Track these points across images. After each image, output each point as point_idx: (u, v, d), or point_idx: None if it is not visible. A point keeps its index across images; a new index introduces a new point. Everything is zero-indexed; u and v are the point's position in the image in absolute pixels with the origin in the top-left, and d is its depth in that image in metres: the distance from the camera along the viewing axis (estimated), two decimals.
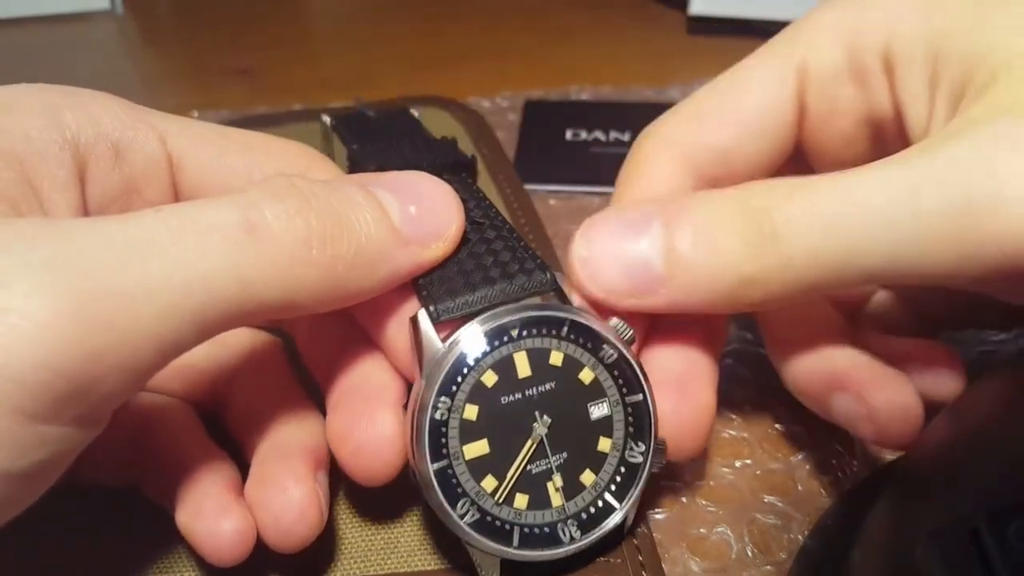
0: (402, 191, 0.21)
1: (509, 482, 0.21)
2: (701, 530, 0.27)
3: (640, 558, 0.24)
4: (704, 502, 0.27)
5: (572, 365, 0.22)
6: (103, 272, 0.16)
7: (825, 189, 0.20)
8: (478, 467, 0.21)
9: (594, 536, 0.22)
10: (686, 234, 0.21)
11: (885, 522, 0.22)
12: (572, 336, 0.22)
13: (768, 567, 0.25)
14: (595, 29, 0.64)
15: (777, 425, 0.30)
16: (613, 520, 0.22)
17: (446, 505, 0.21)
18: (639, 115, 0.28)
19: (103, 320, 0.16)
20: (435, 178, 0.22)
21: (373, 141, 0.27)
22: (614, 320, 0.23)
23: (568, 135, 0.48)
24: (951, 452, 0.21)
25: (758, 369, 0.32)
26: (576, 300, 0.23)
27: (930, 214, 0.18)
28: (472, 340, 0.21)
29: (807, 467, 0.29)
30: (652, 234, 0.22)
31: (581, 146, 0.47)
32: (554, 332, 0.22)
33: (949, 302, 0.28)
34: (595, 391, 0.22)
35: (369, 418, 0.21)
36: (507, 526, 0.21)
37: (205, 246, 0.17)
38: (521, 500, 0.21)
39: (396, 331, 0.23)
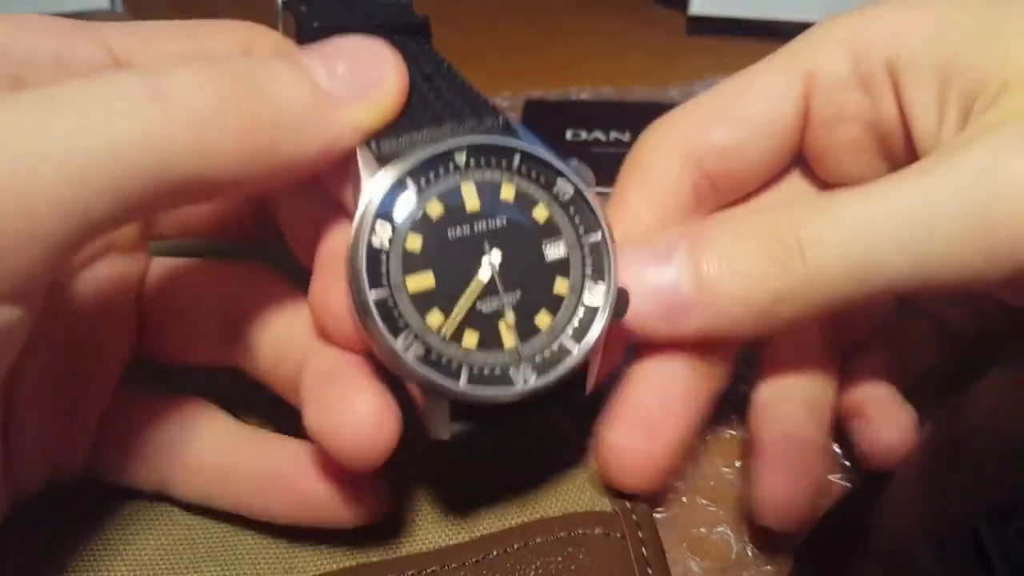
0: (326, 55, 0.20)
1: (456, 318, 0.20)
2: (701, 530, 0.27)
3: (640, 534, 0.24)
4: (704, 502, 0.27)
5: (525, 200, 0.21)
6: (6, 134, 0.16)
7: (847, 202, 0.20)
8: (423, 301, 0.20)
9: (550, 378, 0.21)
10: (712, 255, 0.22)
11: (885, 522, 0.22)
12: (524, 169, 0.21)
13: (768, 567, 0.25)
14: (595, 29, 0.64)
15: None
16: (571, 362, 0.21)
17: (387, 335, 0.19)
18: (639, 115, 0.28)
19: (4, 182, 0.15)
20: (363, 36, 0.21)
21: (322, 4, 0.24)
22: (574, 161, 0.22)
23: (568, 135, 0.48)
24: (951, 452, 0.21)
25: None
26: None
27: (951, 221, 0.19)
28: (414, 166, 0.20)
29: None
30: (678, 258, 0.22)
31: (581, 146, 0.47)
32: (504, 163, 0.21)
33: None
34: (550, 230, 0.21)
35: (344, 404, 0.20)
36: (454, 364, 0.20)
37: (110, 111, 0.16)
38: (470, 338, 0.20)
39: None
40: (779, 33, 0.28)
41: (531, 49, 0.61)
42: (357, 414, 0.19)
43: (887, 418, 0.25)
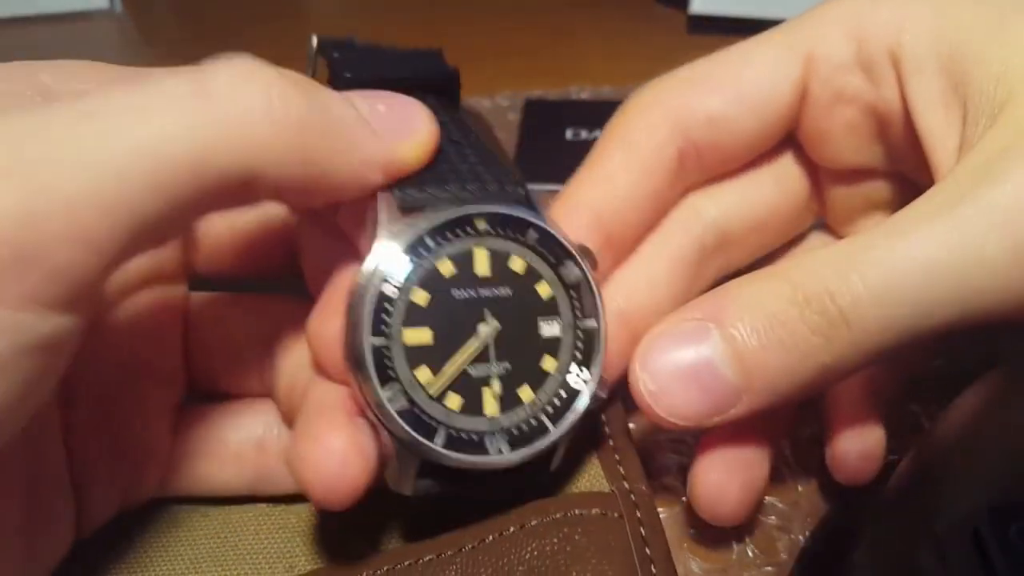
0: (366, 95, 0.21)
1: (445, 378, 0.20)
2: (702, 530, 0.27)
3: (638, 514, 0.24)
4: None
5: (532, 275, 0.21)
6: (41, 138, 0.16)
7: (879, 258, 0.19)
8: (416, 355, 0.20)
9: (523, 454, 0.21)
10: (750, 336, 0.20)
11: (886, 523, 0.22)
12: (537, 245, 0.21)
13: (769, 567, 0.25)
14: (595, 28, 0.64)
15: None
16: (545, 441, 0.21)
17: (376, 383, 0.19)
18: None
19: (40, 183, 0.15)
20: (401, 94, 0.21)
21: (355, 52, 0.25)
22: (579, 244, 0.22)
23: (568, 134, 0.48)
24: (952, 452, 0.21)
25: None
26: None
27: (995, 261, 0.18)
28: (434, 222, 0.20)
29: (808, 469, 0.29)
30: (712, 343, 0.21)
31: (581, 145, 0.47)
32: (519, 237, 0.21)
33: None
34: (549, 308, 0.22)
35: (316, 439, 0.20)
36: (434, 423, 0.20)
37: (152, 110, 0.16)
38: (454, 401, 0.20)
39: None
40: None
41: (531, 48, 0.61)
42: (324, 450, 0.19)
43: (855, 431, 0.25)
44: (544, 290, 0.22)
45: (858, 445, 0.25)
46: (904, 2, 0.23)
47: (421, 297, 0.20)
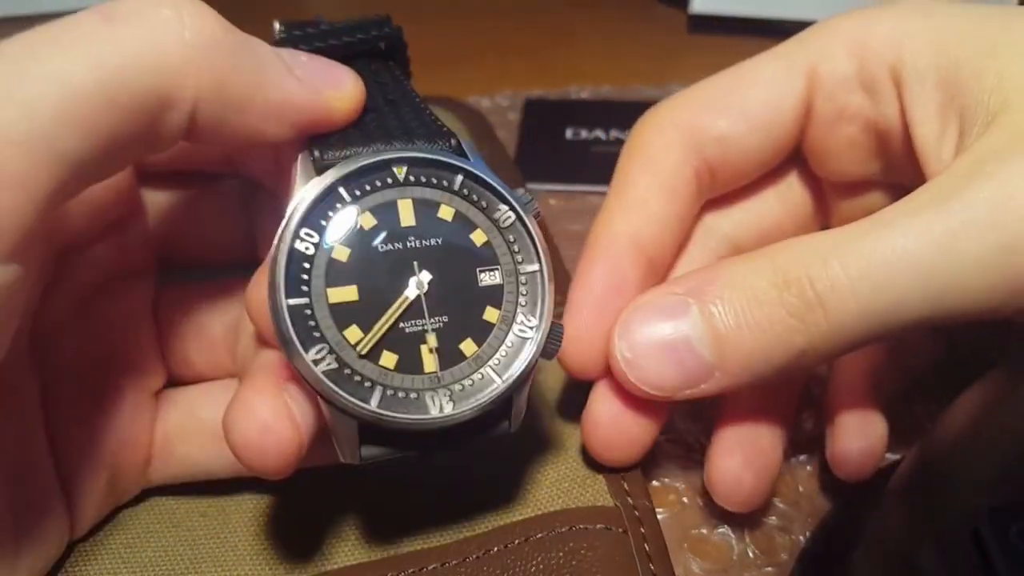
0: (292, 51, 0.21)
1: (375, 335, 0.19)
2: (702, 530, 0.27)
3: (642, 530, 0.24)
4: (705, 503, 0.27)
5: (463, 223, 0.21)
6: None
7: (863, 247, 0.20)
8: (343, 314, 0.19)
9: (466, 408, 0.20)
10: (728, 315, 0.21)
11: (886, 523, 0.22)
12: (466, 192, 0.21)
13: (769, 568, 0.25)
14: (595, 28, 0.64)
15: None
16: (490, 394, 0.20)
17: (298, 346, 0.18)
18: (639, 114, 0.28)
19: None
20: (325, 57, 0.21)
21: (302, 29, 0.24)
22: (520, 191, 0.21)
23: (568, 134, 0.48)
24: (952, 453, 0.21)
25: None
26: None
27: (974, 258, 0.19)
28: (349, 174, 0.19)
29: (808, 468, 0.29)
30: (691, 319, 0.21)
31: (581, 145, 0.47)
32: (446, 184, 0.20)
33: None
34: (487, 256, 0.21)
35: (243, 405, 0.19)
36: (367, 383, 0.19)
37: (60, 42, 0.16)
38: (388, 359, 0.19)
39: None
40: (781, 31, 0.28)
41: (531, 48, 0.61)
42: (250, 416, 0.19)
43: (857, 428, 0.26)
44: (479, 237, 0.21)
45: (859, 442, 0.25)
46: (904, 18, 0.24)
47: (342, 253, 0.19)
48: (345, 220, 0.19)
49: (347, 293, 0.19)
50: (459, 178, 0.21)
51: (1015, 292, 0.19)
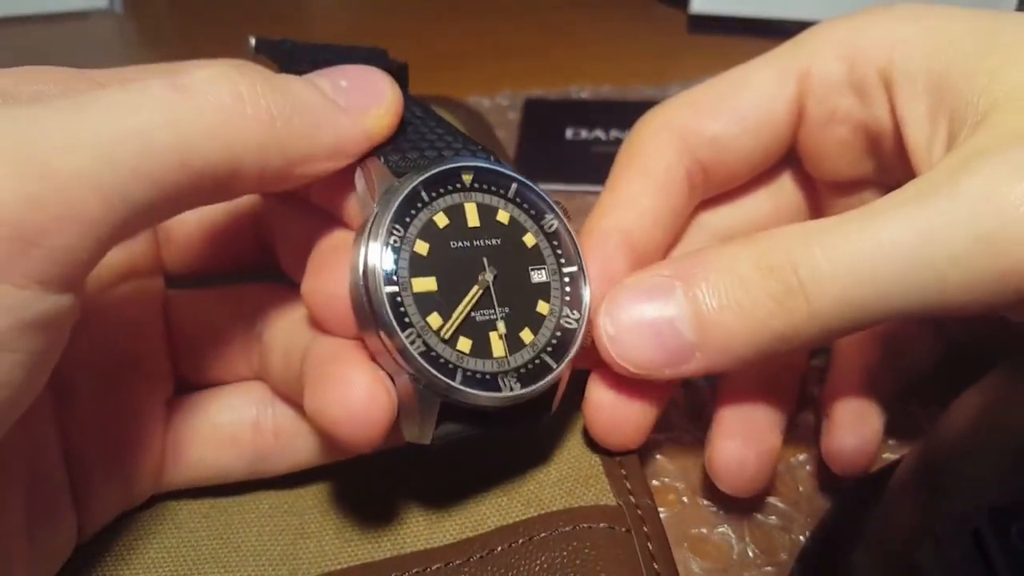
0: (328, 73, 0.22)
1: (454, 323, 0.21)
2: (702, 530, 0.27)
3: (645, 529, 0.24)
4: (705, 502, 0.27)
5: (517, 227, 0.23)
6: (37, 127, 0.17)
7: (846, 235, 0.20)
8: (425, 302, 0.21)
9: (533, 389, 0.22)
10: (711, 297, 0.21)
11: (886, 523, 0.22)
12: (518, 199, 0.23)
13: (769, 568, 0.25)
14: (595, 28, 0.64)
15: None
16: (550, 377, 0.22)
17: (397, 328, 0.20)
18: (639, 114, 0.28)
19: (38, 168, 0.16)
20: (359, 65, 0.23)
21: (300, 51, 0.26)
22: (556, 199, 0.24)
23: (568, 134, 0.48)
24: (952, 453, 0.21)
25: None
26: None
27: (957, 251, 0.19)
28: (426, 179, 0.22)
29: (808, 468, 0.29)
30: (675, 301, 0.22)
31: (581, 145, 0.47)
32: (502, 191, 0.23)
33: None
34: (536, 256, 0.23)
35: (339, 379, 0.20)
36: (450, 365, 0.21)
37: (137, 104, 0.18)
38: (464, 344, 0.21)
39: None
40: (780, 31, 0.28)
41: (531, 48, 0.61)
42: (351, 387, 0.20)
43: (853, 424, 0.26)
44: (530, 240, 0.23)
45: (853, 437, 0.26)
46: (896, 22, 0.24)
47: (423, 247, 0.21)
48: (423, 217, 0.22)
49: (428, 283, 0.21)
50: (513, 187, 0.23)
51: (998, 288, 0.19)
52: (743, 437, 0.25)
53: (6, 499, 0.20)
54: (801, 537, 0.26)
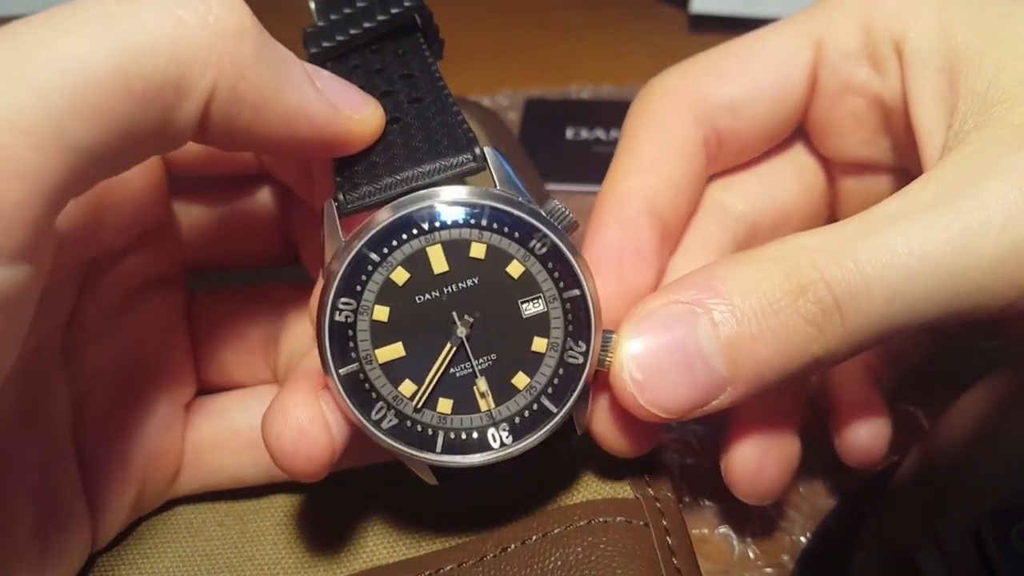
0: (310, 66, 0.20)
1: (428, 387, 0.20)
2: (703, 530, 0.27)
3: (664, 523, 0.23)
4: (706, 502, 0.27)
5: (497, 258, 0.20)
6: None
7: (876, 245, 0.19)
8: (394, 371, 0.20)
9: (527, 442, 0.20)
10: (740, 324, 0.19)
11: (887, 524, 0.22)
12: (495, 226, 0.20)
13: (770, 568, 0.25)
14: (596, 27, 0.64)
15: None
16: (548, 425, 0.20)
17: (356, 413, 0.19)
18: None
19: None
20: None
21: (328, 20, 0.24)
22: (553, 202, 0.21)
23: (569, 134, 0.48)
24: (953, 454, 0.21)
25: None
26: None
27: (989, 257, 0.18)
28: (375, 235, 0.19)
29: (809, 469, 0.29)
30: (701, 332, 0.19)
31: (582, 145, 0.47)
32: (472, 222, 0.20)
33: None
34: (527, 286, 0.20)
35: (281, 408, 0.20)
36: (430, 431, 0.20)
37: (74, 21, 0.15)
38: (445, 404, 0.20)
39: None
40: None
41: (531, 47, 0.61)
42: (286, 419, 0.19)
43: (861, 417, 0.25)
44: (516, 269, 0.20)
45: (867, 432, 0.25)
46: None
47: (382, 313, 0.20)
48: (378, 280, 0.20)
49: (394, 351, 0.20)
50: (485, 217, 0.20)
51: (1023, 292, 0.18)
52: (762, 443, 0.24)
53: (15, 505, 0.20)
54: (802, 538, 0.26)
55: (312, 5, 0.24)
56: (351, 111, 0.20)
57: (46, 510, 0.21)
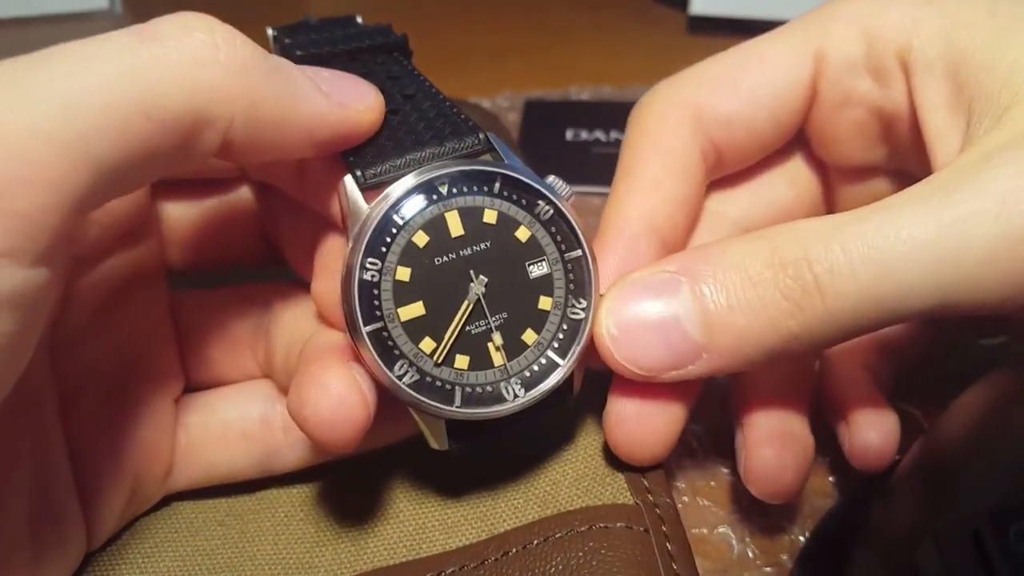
0: (311, 68, 0.21)
1: (447, 343, 0.21)
2: (702, 530, 0.27)
3: (664, 529, 0.23)
4: (705, 502, 0.27)
5: (507, 223, 0.22)
6: None
7: (864, 231, 0.19)
8: (415, 329, 0.21)
9: (538, 393, 0.22)
10: (719, 295, 0.20)
11: (886, 523, 0.22)
12: (505, 192, 0.22)
13: (769, 568, 0.25)
14: (595, 29, 0.64)
15: None
16: (556, 376, 0.22)
17: (383, 366, 0.20)
18: None
19: None
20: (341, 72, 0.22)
21: (306, 34, 0.25)
22: (551, 177, 0.23)
23: (568, 135, 0.48)
24: (952, 454, 0.21)
25: None
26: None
27: (982, 247, 0.18)
28: (398, 200, 0.21)
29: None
30: (682, 298, 0.21)
31: (581, 146, 0.47)
32: (486, 189, 0.22)
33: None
34: (533, 249, 0.22)
35: (313, 379, 0.20)
36: (448, 386, 0.21)
37: (99, 54, 0.17)
38: (462, 361, 0.21)
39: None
40: None
41: (531, 49, 0.61)
42: (324, 389, 0.20)
43: (869, 420, 0.25)
44: (523, 233, 0.22)
45: (876, 433, 0.25)
46: (914, 4, 0.23)
47: (404, 273, 0.21)
48: (401, 242, 0.21)
49: (415, 309, 0.21)
50: (497, 184, 0.22)
51: (1019, 286, 0.18)
52: (780, 442, 0.24)
53: (3, 506, 0.20)
54: (801, 537, 0.26)
55: (269, 32, 0.25)
56: (357, 102, 0.21)
57: (39, 510, 0.21)
